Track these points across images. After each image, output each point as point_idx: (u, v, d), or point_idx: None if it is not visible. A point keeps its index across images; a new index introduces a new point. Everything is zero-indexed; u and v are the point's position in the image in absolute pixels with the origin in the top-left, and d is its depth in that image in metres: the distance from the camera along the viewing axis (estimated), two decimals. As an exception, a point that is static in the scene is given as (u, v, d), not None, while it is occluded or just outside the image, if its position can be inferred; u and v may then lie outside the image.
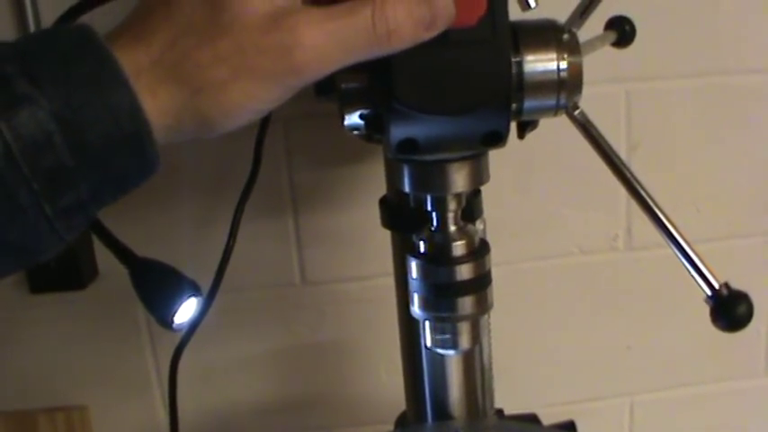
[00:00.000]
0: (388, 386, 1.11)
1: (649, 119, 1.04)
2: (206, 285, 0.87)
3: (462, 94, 0.52)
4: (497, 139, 0.55)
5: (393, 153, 0.55)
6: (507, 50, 0.54)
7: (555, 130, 0.74)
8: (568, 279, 1.10)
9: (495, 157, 0.63)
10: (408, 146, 0.55)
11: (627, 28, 0.76)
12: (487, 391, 0.82)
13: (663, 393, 1.16)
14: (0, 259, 0.46)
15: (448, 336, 0.63)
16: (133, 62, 0.46)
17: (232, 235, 0.88)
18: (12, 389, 1.08)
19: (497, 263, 1.05)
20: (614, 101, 1.03)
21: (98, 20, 0.61)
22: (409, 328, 0.82)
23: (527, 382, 1.12)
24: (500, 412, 0.87)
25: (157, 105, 0.46)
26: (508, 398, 0.88)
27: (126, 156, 0.46)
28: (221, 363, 1.08)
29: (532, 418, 0.86)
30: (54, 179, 0.44)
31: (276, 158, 1.00)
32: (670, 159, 1.06)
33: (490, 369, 0.82)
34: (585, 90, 0.78)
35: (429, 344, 0.65)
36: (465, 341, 0.63)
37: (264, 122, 0.86)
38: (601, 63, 0.80)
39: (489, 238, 0.79)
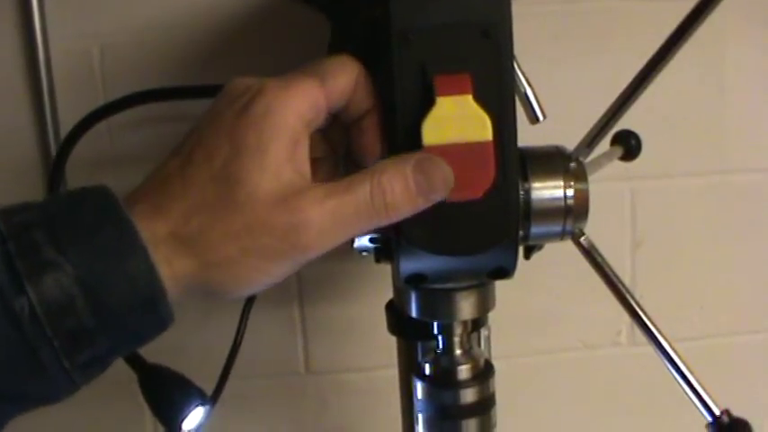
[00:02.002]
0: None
1: (654, 216, 1.05)
2: (213, 372, 0.87)
3: (471, 236, 0.53)
4: (505, 273, 0.56)
5: (402, 284, 0.56)
6: (517, 195, 0.55)
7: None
8: (571, 373, 1.10)
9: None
10: (417, 279, 0.56)
11: (633, 142, 0.77)
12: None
13: (668, 490, 1.15)
14: (15, 406, 0.48)
15: (453, 457, 0.63)
16: (151, 232, 0.48)
17: (239, 333, 0.88)
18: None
19: (499, 357, 1.06)
20: (619, 198, 1.05)
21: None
22: (410, 425, 0.82)
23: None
24: None
25: (173, 274, 0.49)
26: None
27: (142, 316, 0.48)
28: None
29: None
30: (75, 338, 0.46)
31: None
32: (674, 257, 1.07)
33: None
34: (591, 187, 0.79)
35: (434, 464, 0.65)
36: (470, 462, 0.64)
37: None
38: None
39: (492, 333, 0.80)
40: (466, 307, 0.59)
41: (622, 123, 0.82)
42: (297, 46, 0.93)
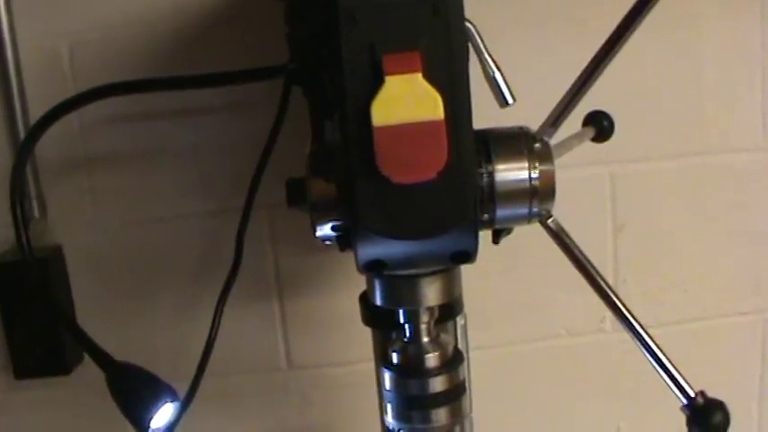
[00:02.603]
0: (375, 472, 1.09)
1: (635, 200, 1.04)
2: (189, 370, 0.86)
3: (427, 219, 0.52)
4: (466, 257, 0.55)
5: (362, 270, 0.55)
6: (473, 175, 0.54)
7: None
8: (556, 361, 1.09)
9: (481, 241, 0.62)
10: (376, 265, 0.54)
11: (605, 123, 0.76)
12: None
13: (654, 474, 1.14)
14: None
15: (424, 447, 0.62)
16: None
17: (213, 327, 0.87)
18: (-5, 478, 1.07)
19: (483, 346, 1.06)
20: (599, 183, 1.04)
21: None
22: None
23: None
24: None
25: None
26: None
27: None
28: (209, 447, 1.07)
29: None
30: None
31: (261, 245, 1.00)
32: (656, 239, 1.06)
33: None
34: (571, 173, 0.78)
35: (404, 454, 0.64)
36: (441, 452, 0.63)
37: (246, 213, 0.86)
38: (585, 146, 0.81)
39: (474, 322, 0.79)
40: (431, 293, 0.58)
41: (598, 106, 0.82)
42: (267, 39, 0.91)
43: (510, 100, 0.62)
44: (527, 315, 1.07)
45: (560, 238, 0.61)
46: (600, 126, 0.76)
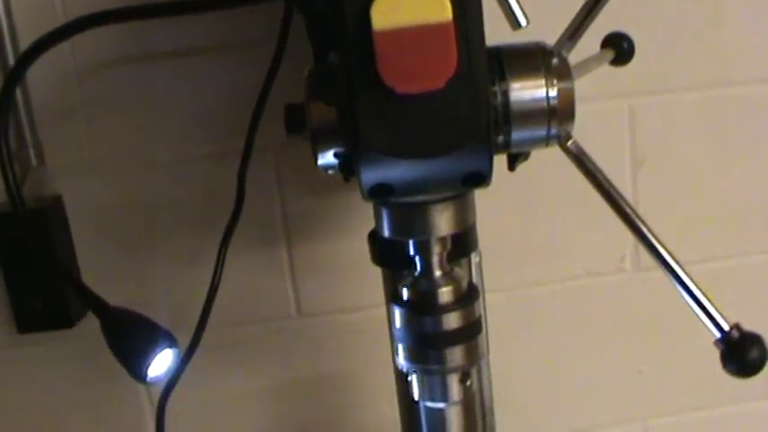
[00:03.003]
0: (392, 420, 1.05)
1: (654, 134, 1.00)
2: (195, 323, 0.83)
3: (436, 135, 0.48)
4: (480, 180, 0.51)
5: (366, 198, 0.51)
6: (485, 85, 0.49)
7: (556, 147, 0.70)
8: (575, 302, 1.05)
9: (494, 176, 0.58)
10: (382, 190, 0.50)
11: (625, 45, 0.72)
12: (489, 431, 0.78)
13: (676, 417, 1.12)
14: None
15: (437, 389, 0.59)
16: None
17: (217, 272, 0.84)
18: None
19: (500, 289, 1.03)
20: (618, 116, 0.99)
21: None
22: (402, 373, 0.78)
23: (535, 412, 1.08)
24: (504, 453, 0.83)
25: None
26: (516, 428, 0.84)
27: None
28: (218, 399, 1.05)
29: (539, 458, 0.81)
30: None
31: (267, 188, 0.97)
32: (678, 176, 1.02)
33: (491, 409, 0.78)
34: (588, 106, 0.74)
35: (417, 396, 0.60)
36: (455, 394, 0.59)
37: (247, 150, 0.82)
38: (602, 78, 0.76)
39: (490, 264, 0.75)
40: (442, 222, 0.54)
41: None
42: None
43: (523, 22, 0.57)
44: (544, 256, 1.03)
45: (581, 161, 0.56)
46: (619, 48, 0.71)
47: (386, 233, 0.56)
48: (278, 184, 0.97)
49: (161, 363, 0.74)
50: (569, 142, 0.56)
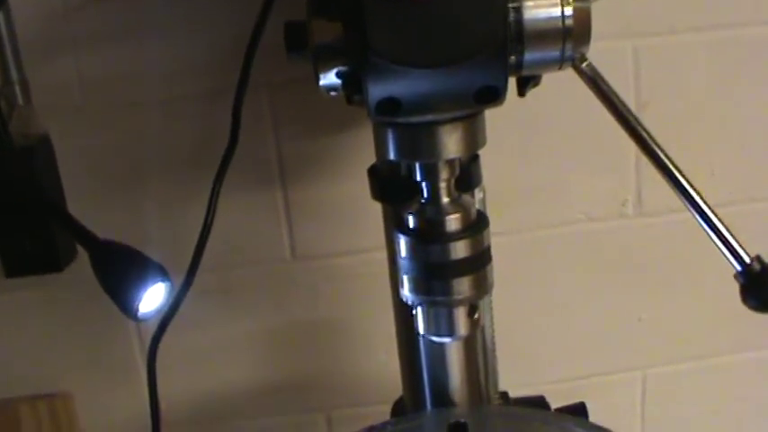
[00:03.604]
0: (387, 365, 1.05)
1: (659, 76, 0.97)
2: (186, 264, 0.81)
3: (448, 42, 0.45)
4: (493, 95, 0.48)
5: (373, 115, 0.48)
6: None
7: (559, 86, 0.67)
8: (575, 248, 1.03)
9: (492, 117, 0.56)
10: (389, 106, 0.47)
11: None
12: (491, 374, 0.76)
13: (676, 366, 1.10)
14: None
15: (443, 322, 0.56)
16: None
17: (210, 212, 0.81)
18: (-8, 377, 1.03)
19: (498, 233, 0.99)
20: (621, 58, 0.97)
21: None
22: (403, 307, 0.75)
23: (533, 359, 1.06)
24: (505, 396, 0.81)
25: None
26: (513, 376, 0.83)
27: None
28: (211, 344, 1.03)
29: (540, 402, 0.79)
30: None
31: (261, 128, 0.94)
32: (682, 119, 0.99)
33: (493, 350, 0.76)
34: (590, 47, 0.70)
35: (422, 330, 0.58)
36: (462, 327, 0.57)
37: (241, 88, 0.79)
38: (605, 17, 0.74)
39: (488, 207, 0.73)
40: (451, 144, 0.51)
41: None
42: None
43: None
44: (544, 199, 1.01)
45: (596, 84, 0.54)
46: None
47: (391, 155, 0.53)
48: (272, 124, 0.95)
49: (153, 298, 0.72)
50: (584, 64, 0.53)
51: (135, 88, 0.93)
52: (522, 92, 0.56)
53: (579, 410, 0.79)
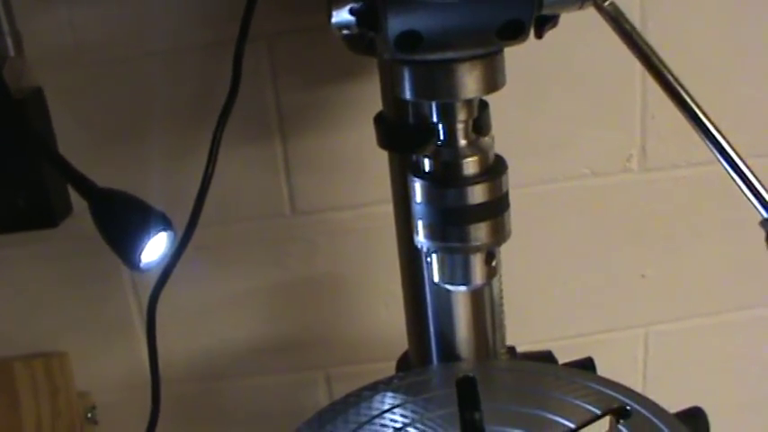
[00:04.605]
0: (388, 322, 1.03)
1: (667, 25, 0.95)
2: (185, 220, 0.79)
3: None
4: (518, 30, 0.46)
5: (392, 51, 0.46)
6: None
7: (563, 39, 0.65)
8: (579, 203, 1.02)
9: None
10: (410, 40, 0.45)
11: None
12: (498, 328, 0.75)
13: (679, 324, 1.09)
14: None
15: (458, 269, 0.55)
16: None
17: (210, 163, 0.79)
18: (-16, 336, 1.01)
19: (502, 187, 0.99)
20: (627, 6, 0.93)
21: None
22: (410, 260, 0.74)
23: (536, 315, 1.05)
24: (512, 350, 0.80)
25: None
26: (516, 332, 0.82)
27: None
28: (209, 300, 1.02)
29: (547, 357, 0.78)
30: None
31: (260, 79, 0.92)
32: (690, 70, 0.95)
33: (501, 304, 0.74)
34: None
35: (437, 279, 0.56)
36: (478, 276, 0.55)
37: (242, 34, 0.77)
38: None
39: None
40: (470, 82, 0.49)
41: None
42: None
43: None
44: (547, 153, 0.99)
45: (619, 23, 0.52)
46: None
47: (407, 95, 0.51)
48: (272, 76, 0.93)
49: (155, 247, 0.70)
50: (606, 2, 0.51)
51: (131, 38, 0.90)
52: (539, 33, 0.53)
53: (587, 365, 0.77)
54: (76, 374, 1.04)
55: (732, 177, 0.52)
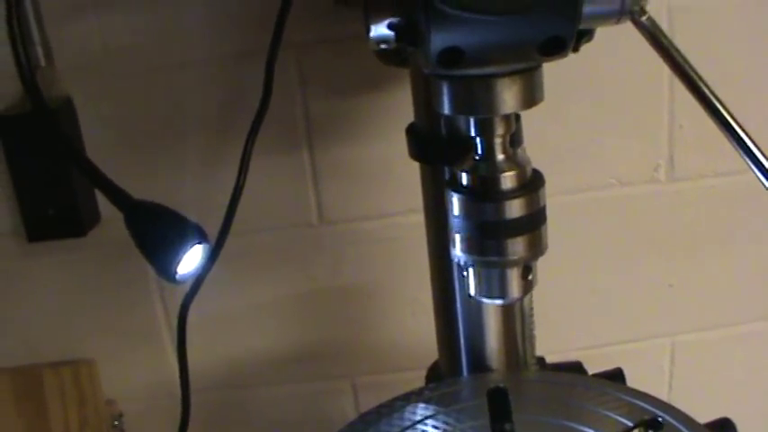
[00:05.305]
0: (414, 331, 1.03)
1: (694, 35, 0.94)
2: (214, 229, 0.79)
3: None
4: (559, 46, 0.46)
5: (433, 66, 0.46)
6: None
7: (591, 48, 0.65)
8: (606, 213, 1.01)
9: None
10: (452, 56, 0.45)
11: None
12: (528, 338, 0.75)
13: (706, 333, 1.08)
14: None
15: (495, 283, 0.55)
16: None
17: (242, 172, 0.79)
18: (15, 343, 1.02)
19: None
20: (655, 16, 0.93)
21: None
22: (441, 271, 0.74)
23: (562, 324, 1.05)
24: (541, 361, 0.79)
25: None
26: (543, 341, 0.81)
27: None
28: (235, 309, 1.02)
29: (576, 368, 0.78)
30: None
31: (289, 88, 0.92)
32: (717, 80, 0.96)
33: (531, 314, 0.74)
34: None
35: (473, 292, 0.56)
36: (515, 289, 0.55)
37: (274, 45, 0.77)
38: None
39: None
40: (509, 98, 0.49)
41: None
42: None
43: None
44: (574, 162, 0.99)
45: (657, 38, 0.52)
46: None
47: (445, 110, 0.51)
48: (300, 84, 0.93)
49: (191, 259, 0.70)
50: (644, 17, 0.51)
51: (161, 48, 0.91)
52: (576, 47, 0.53)
53: (616, 376, 0.77)
54: (103, 382, 1.04)
55: (745, 160, 0.51)
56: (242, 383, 1.06)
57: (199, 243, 0.70)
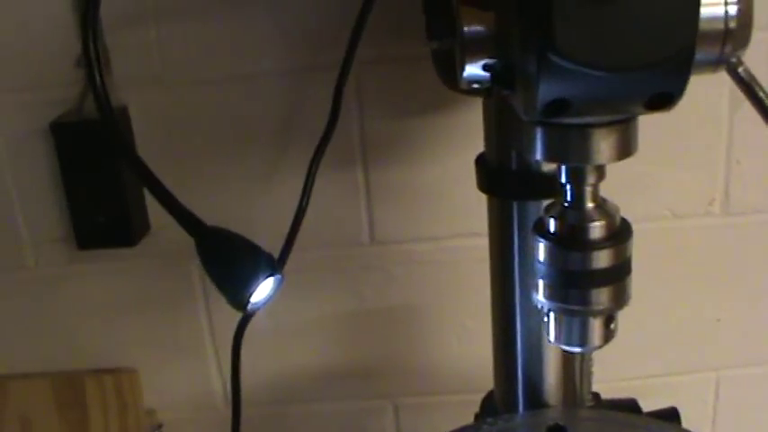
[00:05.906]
0: (459, 355, 1.03)
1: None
2: (263, 243, 0.79)
3: (640, 44, 0.42)
4: (667, 101, 0.45)
5: (537, 115, 0.45)
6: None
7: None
8: (658, 244, 1.00)
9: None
10: (558, 107, 0.45)
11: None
12: (586, 375, 0.74)
13: (750, 369, 1.07)
14: None
15: (576, 331, 0.54)
16: None
17: (305, 193, 0.79)
18: (59, 349, 1.02)
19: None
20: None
21: None
22: (503, 303, 0.73)
23: (608, 354, 1.03)
24: (597, 397, 0.79)
25: None
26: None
27: None
28: (283, 326, 1.01)
29: (632, 405, 0.77)
30: None
31: (345, 108, 0.91)
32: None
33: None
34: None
35: (552, 338, 0.56)
36: (596, 339, 0.54)
37: (344, 70, 0.77)
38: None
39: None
40: (605, 148, 0.48)
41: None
42: None
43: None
44: (628, 192, 0.97)
45: (753, 90, 0.51)
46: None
47: (537, 156, 0.50)
48: (357, 103, 0.92)
49: (262, 290, 0.70)
50: (740, 68, 0.50)
51: (219, 61, 0.90)
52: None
53: (672, 415, 0.76)
54: (146, 392, 1.04)
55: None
56: (285, 399, 1.06)
57: (271, 275, 0.69)
